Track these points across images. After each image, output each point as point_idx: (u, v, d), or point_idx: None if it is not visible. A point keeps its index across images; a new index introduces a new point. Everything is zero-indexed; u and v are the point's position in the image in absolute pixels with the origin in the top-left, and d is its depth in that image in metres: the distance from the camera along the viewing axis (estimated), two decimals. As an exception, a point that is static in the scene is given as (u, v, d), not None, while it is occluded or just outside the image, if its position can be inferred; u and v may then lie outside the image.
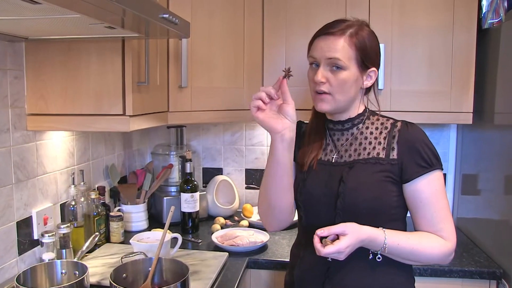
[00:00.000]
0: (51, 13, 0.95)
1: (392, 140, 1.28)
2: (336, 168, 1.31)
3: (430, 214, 1.25)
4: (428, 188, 1.25)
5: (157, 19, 1.13)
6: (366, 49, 1.26)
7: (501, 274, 1.68)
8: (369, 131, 1.33)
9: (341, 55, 1.23)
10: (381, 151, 1.28)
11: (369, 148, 1.30)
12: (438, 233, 1.25)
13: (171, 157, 2.30)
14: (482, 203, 1.95)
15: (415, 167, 1.24)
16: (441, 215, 1.25)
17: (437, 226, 1.25)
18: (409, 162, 1.25)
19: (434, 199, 1.25)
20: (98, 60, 1.46)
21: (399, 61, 1.96)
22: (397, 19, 1.94)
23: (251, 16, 2.01)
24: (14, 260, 1.50)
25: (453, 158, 2.34)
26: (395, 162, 1.26)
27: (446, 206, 1.27)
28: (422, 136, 1.28)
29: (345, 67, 1.24)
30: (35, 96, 1.51)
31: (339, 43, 1.23)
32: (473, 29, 1.91)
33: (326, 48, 1.25)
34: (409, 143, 1.26)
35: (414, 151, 1.25)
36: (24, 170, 1.53)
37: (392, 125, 1.31)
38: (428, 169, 1.24)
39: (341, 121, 1.35)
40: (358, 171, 1.28)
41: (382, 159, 1.27)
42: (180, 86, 1.78)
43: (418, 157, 1.25)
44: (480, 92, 1.94)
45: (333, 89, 1.26)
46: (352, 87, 1.27)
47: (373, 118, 1.36)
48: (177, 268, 1.38)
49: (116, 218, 1.91)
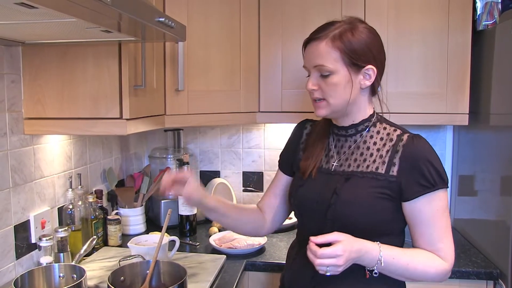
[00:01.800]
0: (48, 17, 0.96)
1: (395, 155, 1.21)
2: (333, 177, 1.27)
3: (429, 233, 1.21)
4: (428, 208, 1.19)
5: (154, 23, 1.13)
6: (353, 47, 1.19)
7: (498, 274, 1.68)
8: (373, 141, 1.27)
9: (324, 60, 1.20)
10: (381, 165, 1.22)
11: (369, 160, 1.24)
12: (436, 252, 1.20)
13: (168, 160, 2.30)
14: (479, 204, 1.96)
15: (415, 187, 1.18)
16: (440, 234, 1.21)
17: (435, 245, 1.20)
18: (409, 181, 1.19)
19: (434, 218, 1.20)
20: (95, 64, 1.46)
21: (395, 63, 1.97)
22: (392, 21, 1.95)
23: (247, 19, 2.02)
24: (12, 264, 1.50)
25: (449, 159, 2.35)
26: (393, 179, 1.20)
27: (446, 225, 1.22)
28: (427, 153, 1.21)
29: (333, 71, 1.20)
30: (32, 100, 1.51)
31: (321, 48, 1.20)
32: (468, 31, 1.92)
33: (311, 55, 1.23)
34: (412, 161, 1.19)
35: (417, 169, 1.19)
36: (21, 174, 1.53)
37: (398, 137, 1.24)
38: (430, 189, 1.18)
39: (344, 127, 1.30)
40: (354, 184, 1.23)
41: (380, 175, 1.21)
42: (177, 89, 1.78)
43: (420, 176, 1.18)
44: (475, 93, 1.95)
45: (325, 94, 1.22)
46: (346, 89, 1.22)
47: (380, 125, 1.29)
48: (175, 271, 1.38)
49: (114, 221, 1.91)
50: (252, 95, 2.07)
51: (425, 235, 1.21)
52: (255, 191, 2.51)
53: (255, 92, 2.08)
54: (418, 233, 1.22)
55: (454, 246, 1.23)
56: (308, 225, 1.33)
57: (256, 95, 2.08)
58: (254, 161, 2.50)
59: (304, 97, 2.01)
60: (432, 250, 1.21)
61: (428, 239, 1.21)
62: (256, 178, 2.50)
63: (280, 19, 2.03)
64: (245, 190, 2.52)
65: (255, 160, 2.50)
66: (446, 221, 1.22)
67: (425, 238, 1.21)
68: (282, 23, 2.03)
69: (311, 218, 1.31)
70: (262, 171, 2.49)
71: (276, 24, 2.04)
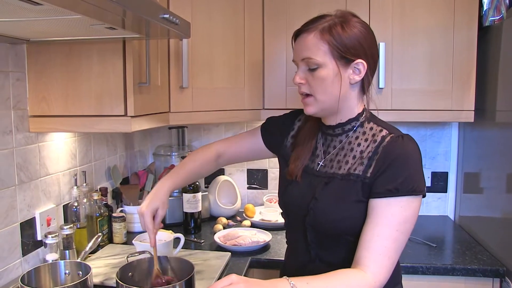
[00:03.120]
0: (52, 14, 0.96)
1: (374, 156, 1.15)
2: (316, 179, 1.24)
3: (371, 235, 1.10)
4: (383, 209, 1.10)
5: (158, 19, 1.13)
6: (342, 40, 1.14)
7: (504, 272, 1.67)
8: (357, 143, 1.21)
9: (312, 53, 1.15)
10: (359, 166, 1.17)
11: (351, 162, 1.19)
12: (367, 262, 1.08)
13: (173, 158, 2.31)
14: (484, 201, 1.95)
15: (380, 188, 1.11)
16: (383, 245, 1.08)
17: (371, 253, 1.08)
18: (378, 181, 1.12)
19: (386, 223, 1.09)
20: (99, 61, 1.46)
21: (400, 60, 1.96)
22: (397, 18, 1.94)
23: (252, 16, 2.01)
24: (18, 261, 1.50)
25: (455, 156, 2.34)
26: (367, 180, 1.14)
27: (395, 240, 1.08)
28: (404, 155, 1.13)
29: (320, 64, 1.15)
30: (37, 98, 1.52)
31: (309, 41, 1.16)
32: (474, 26, 1.90)
33: (299, 48, 1.19)
34: (386, 162, 1.12)
35: (387, 171, 1.11)
36: (26, 171, 1.54)
37: (382, 138, 1.17)
38: (392, 194, 1.10)
39: (331, 126, 1.26)
40: (332, 188, 1.19)
41: (358, 176, 1.16)
42: (181, 86, 1.78)
43: (388, 178, 1.11)
44: (481, 90, 1.94)
45: (313, 89, 1.18)
46: (334, 84, 1.16)
47: (367, 125, 1.22)
48: (182, 267, 1.38)
49: (119, 219, 1.92)
50: (257, 92, 2.06)
51: (367, 236, 1.10)
52: (259, 189, 2.51)
53: (260, 89, 2.07)
54: (365, 230, 1.11)
55: (460, 244, 1.17)
56: (294, 228, 1.33)
57: (260, 92, 2.07)
58: (258, 159, 2.49)
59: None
60: (365, 257, 1.08)
61: (368, 242, 1.09)
62: (260, 175, 2.50)
63: (285, 16, 2.03)
64: (250, 188, 2.52)
65: (260, 157, 2.49)
66: (397, 235, 1.09)
67: (366, 239, 1.10)
68: (287, 19, 2.03)
69: (294, 222, 1.31)
70: (267, 168, 2.49)
71: (280, 20, 2.03)
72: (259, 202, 2.49)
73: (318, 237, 1.23)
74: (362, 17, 1.25)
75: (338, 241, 1.19)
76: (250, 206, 2.32)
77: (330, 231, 1.19)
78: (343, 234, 1.18)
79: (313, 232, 1.23)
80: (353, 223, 1.16)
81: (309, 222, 1.22)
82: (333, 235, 1.20)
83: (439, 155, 2.36)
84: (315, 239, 1.24)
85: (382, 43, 1.91)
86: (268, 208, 2.33)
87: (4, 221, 1.44)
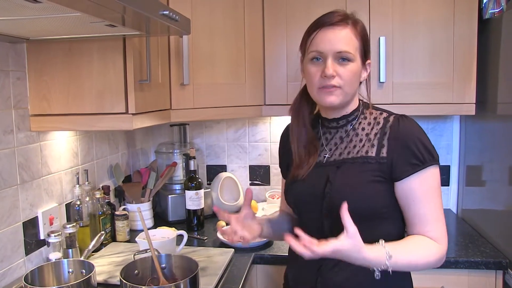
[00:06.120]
0: (52, 12, 0.96)
1: (384, 137, 1.21)
2: (325, 168, 1.27)
3: (423, 212, 1.18)
4: (420, 186, 1.18)
5: (158, 16, 1.13)
6: (367, 39, 1.25)
7: (507, 264, 1.67)
8: (361, 127, 1.27)
9: (350, 47, 1.19)
10: (371, 148, 1.22)
11: (359, 146, 1.24)
12: (429, 233, 1.18)
13: (175, 155, 2.31)
14: (487, 194, 1.95)
15: (405, 165, 1.17)
16: (434, 214, 1.19)
17: (429, 225, 1.18)
18: (399, 160, 1.18)
19: (427, 197, 1.18)
20: (100, 59, 1.46)
21: (401, 54, 1.95)
22: (398, 11, 1.94)
23: (252, 11, 2.01)
24: (22, 260, 1.51)
25: (456, 149, 2.34)
26: (384, 160, 1.19)
27: (439, 205, 1.20)
28: (415, 130, 1.21)
29: (353, 59, 1.20)
30: (38, 97, 1.52)
31: (344, 34, 1.19)
32: (474, 19, 1.90)
33: (335, 40, 1.19)
34: (400, 140, 1.19)
35: (405, 148, 1.18)
36: (28, 170, 1.54)
37: (385, 120, 1.24)
38: (420, 167, 1.17)
39: (335, 119, 1.30)
40: (346, 171, 1.23)
41: (371, 158, 1.21)
42: (182, 83, 1.78)
43: (409, 154, 1.18)
44: (482, 82, 1.94)
45: (343, 82, 1.20)
46: (358, 79, 1.24)
47: (366, 111, 1.30)
48: (186, 264, 1.38)
49: (122, 217, 1.92)
50: (258, 88, 2.06)
51: (419, 215, 1.19)
52: (262, 185, 2.51)
53: (261, 85, 2.07)
54: (411, 214, 1.20)
55: (462, 237, 1.21)
56: (307, 222, 1.30)
57: (261, 88, 2.07)
58: (260, 155, 2.50)
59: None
60: (425, 231, 1.18)
61: (422, 219, 1.19)
62: (262, 171, 2.50)
63: (285, 11, 2.02)
64: (252, 184, 2.52)
65: (262, 153, 2.49)
66: (439, 201, 1.20)
67: (418, 218, 1.19)
68: (287, 15, 2.02)
69: (308, 213, 1.30)
70: (269, 164, 2.49)
71: (280, 16, 2.03)
72: (261, 198, 2.49)
73: (335, 224, 1.18)
74: (362, 11, 1.28)
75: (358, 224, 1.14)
76: (252, 203, 2.31)
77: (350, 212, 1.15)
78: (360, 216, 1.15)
79: (330, 218, 1.22)
80: (370, 203, 1.20)
81: (326, 207, 1.23)
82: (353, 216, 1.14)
83: (441, 148, 2.35)
84: (331, 225, 1.22)
85: (382, 37, 1.91)
86: (271, 204, 2.33)
87: (7, 220, 1.44)
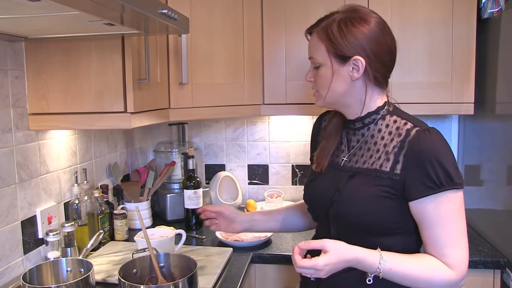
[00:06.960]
0: (50, 10, 0.95)
1: (401, 152, 1.15)
2: (340, 173, 1.26)
3: (435, 235, 1.12)
4: (435, 209, 1.11)
5: (156, 15, 1.12)
6: (337, 39, 1.17)
7: (505, 263, 1.68)
8: (381, 136, 1.21)
9: (314, 53, 1.23)
10: (386, 162, 1.17)
11: (375, 156, 1.20)
12: (442, 258, 1.12)
13: (174, 154, 2.30)
14: (485, 193, 1.95)
15: (419, 186, 1.12)
16: (450, 240, 1.12)
17: (442, 250, 1.12)
18: (413, 180, 1.12)
19: (442, 221, 1.12)
20: (98, 58, 1.46)
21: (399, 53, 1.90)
22: (396, 10, 1.94)
23: (250, 11, 2.01)
24: (20, 259, 1.51)
25: (455, 149, 2.34)
26: (397, 177, 1.14)
27: (458, 231, 1.12)
28: (435, 149, 1.12)
29: (321, 63, 1.22)
30: (37, 96, 1.51)
31: (313, 41, 1.24)
32: (473, 19, 1.90)
33: (308, 48, 1.27)
34: (415, 158, 1.12)
35: (420, 167, 1.11)
36: (27, 169, 1.53)
37: (407, 132, 1.16)
38: (434, 190, 1.10)
39: (351, 120, 1.28)
40: (357, 182, 1.21)
41: (384, 172, 1.16)
42: (181, 82, 1.78)
43: (423, 175, 1.11)
44: (481, 82, 1.94)
45: (317, 86, 1.27)
46: (335, 81, 1.20)
47: (389, 118, 1.22)
48: (185, 263, 1.38)
49: (120, 216, 1.92)
50: (256, 87, 2.06)
51: (432, 238, 1.13)
52: (260, 184, 2.51)
53: (259, 85, 2.07)
54: (425, 235, 1.15)
55: None
56: (318, 223, 1.35)
57: (260, 87, 2.07)
58: (259, 154, 2.50)
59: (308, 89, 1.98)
60: (439, 255, 1.13)
61: (435, 243, 1.13)
62: (261, 171, 2.50)
63: (283, 11, 2.02)
64: (251, 183, 2.52)
65: (260, 153, 2.49)
66: (458, 225, 1.12)
67: (431, 241, 1.14)
68: (285, 14, 2.02)
69: (318, 216, 1.33)
70: (268, 163, 2.49)
71: (279, 15, 2.02)
72: (260, 198, 2.49)
73: (341, 231, 1.22)
74: (360, 9, 1.25)
75: (360, 239, 1.16)
76: (251, 202, 2.32)
77: (353, 224, 1.20)
78: (365, 229, 1.18)
79: (336, 225, 1.24)
80: (376, 218, 1.17)
81: (333, 214, 1.24)
82: (356, 229, 1.19)
83: (439, 148, 2.35)
84: (337, 233, 1.23)
85: (381, 36, 1.90)
86: (269, 203, 2.33)
87: (5, 219, 1.44)
